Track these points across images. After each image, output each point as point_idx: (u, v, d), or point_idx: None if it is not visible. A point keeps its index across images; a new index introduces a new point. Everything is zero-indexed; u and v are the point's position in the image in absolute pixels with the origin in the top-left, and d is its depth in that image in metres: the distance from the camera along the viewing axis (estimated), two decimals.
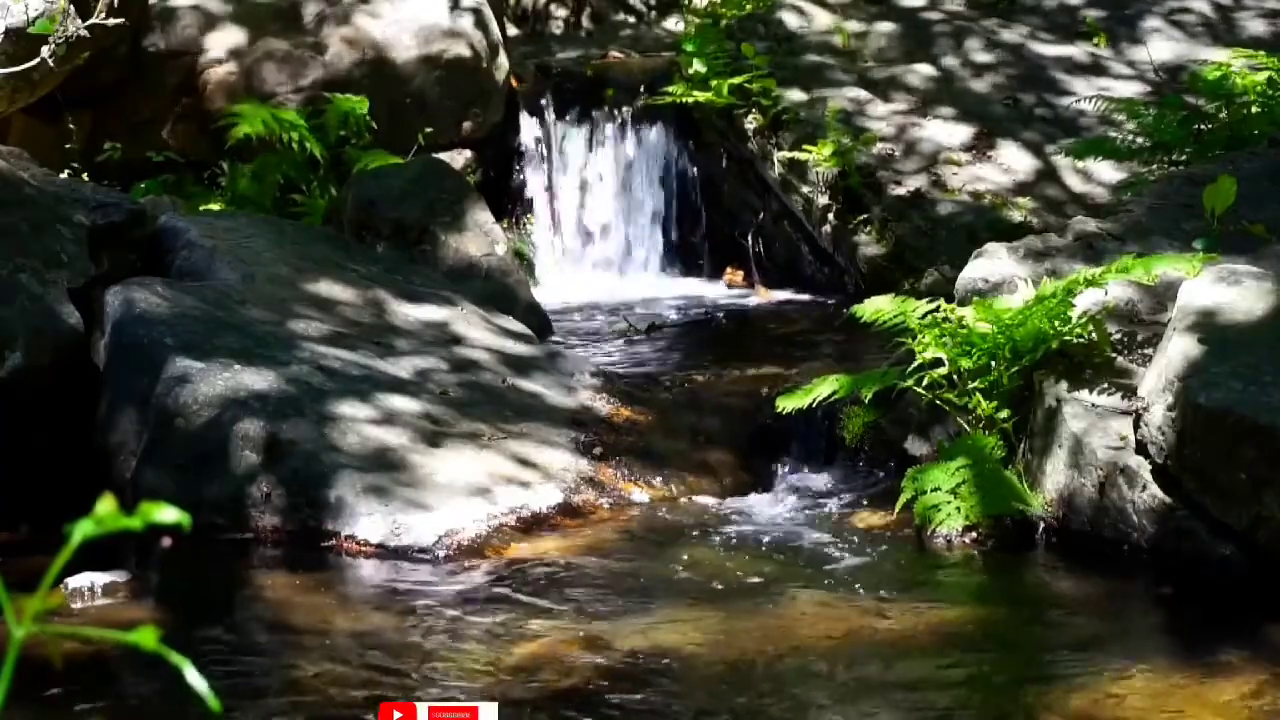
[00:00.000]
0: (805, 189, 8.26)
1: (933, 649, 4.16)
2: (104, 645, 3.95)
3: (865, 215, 7.99)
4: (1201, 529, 4.56)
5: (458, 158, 8.56)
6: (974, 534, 4.89)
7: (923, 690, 3.92)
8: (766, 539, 5.00)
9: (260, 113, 8.01)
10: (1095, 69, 8.86)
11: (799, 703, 3.80)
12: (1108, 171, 7.98)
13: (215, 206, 7.82)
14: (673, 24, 10.59)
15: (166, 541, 4.68)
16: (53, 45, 5.31)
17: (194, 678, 1.29)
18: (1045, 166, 8.13)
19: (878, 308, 5.35)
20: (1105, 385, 4.94)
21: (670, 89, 8.65)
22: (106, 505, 1.23)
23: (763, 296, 8.43)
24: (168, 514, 1.23)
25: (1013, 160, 8.17)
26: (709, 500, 5.40)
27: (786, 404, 5.48)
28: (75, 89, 7.71)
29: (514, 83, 9.02)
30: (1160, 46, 8.93)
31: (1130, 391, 4.87)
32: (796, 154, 8.19)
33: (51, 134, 8.02)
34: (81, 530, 1.23)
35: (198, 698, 1.33)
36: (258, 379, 5.27)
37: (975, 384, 5.19)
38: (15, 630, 1.22)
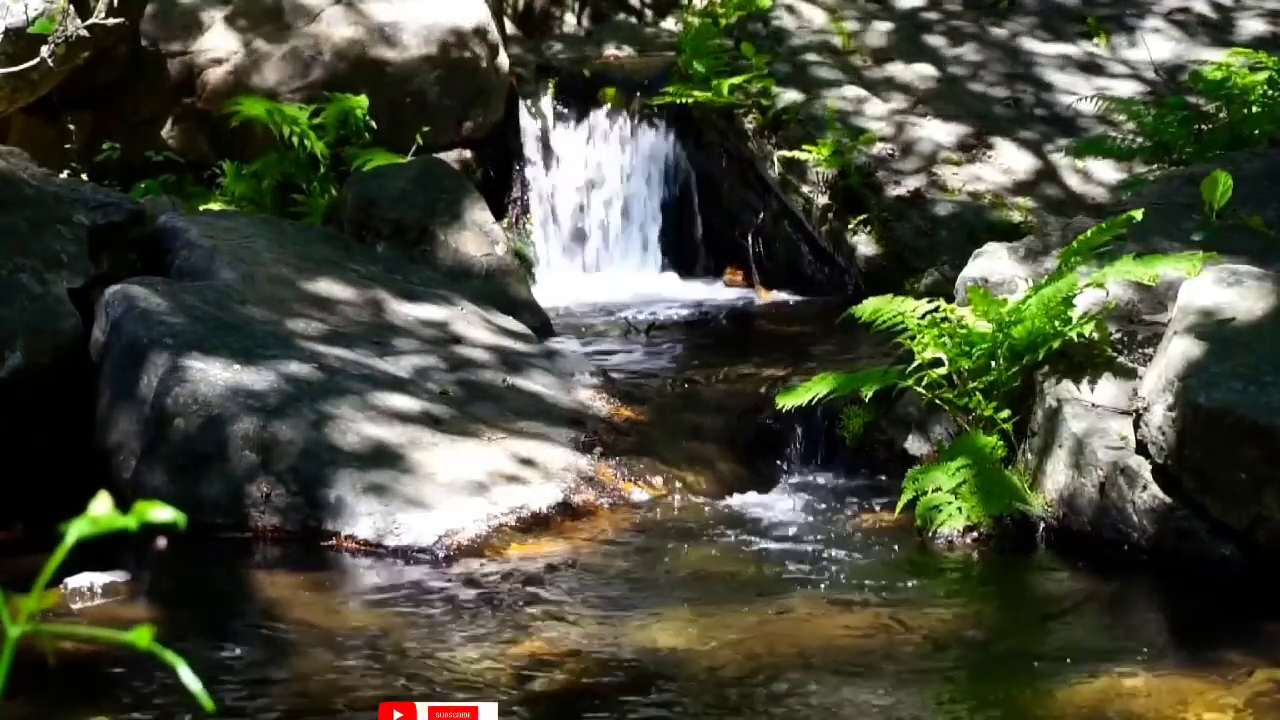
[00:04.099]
0: (805, 189, 8.26)
1: (934, 648, 4.16)
2: (103, 645, 3.95)
3: (864, 215, 7.99)
4: (1201, 529, 4.56)
5: (458, 158, 8.56)
6: (975, 534, 4.89)
7: (923, 690, 3.92)
8: (767, 539, 5.00)
9: (262, 103, 8.02)
10: (1094, 68, 8.86)
11: (799, 702, 3.79)
12: (1107, 171, 7.98)
13: (215, 206, 7.82)
14: (673, 24, 10.59)
15: (161, 542, 4.70)
16: (53, 45, 5.31)
17: (188, 677, 1.29)
18: (1044, 166, 8.13)
19: (877, 308, 5.34)
20: (1105, 385, 4.94)
21: (670, 89, 8.65)
22: (101, 505, 1.23)
23: (763, 296, 8.43)
24: (162, 513, 1.23)
25: (1012, 160, 8.17)
26: (709, 500, 5.40)
27: (786, 401, 5.48)
28: (75, 89, 7.71)
29: (514, 82, 9.02)
30: (1160, 46, 8.93)
31: (1130, 392, 4.87)
32: (796, 154, 8.20)
33: (51, 134, 8.02)
34: (77, 530, 1.22)
35: (194, 697, 1.33)
36: (257, 378, 5.27)
37: (975, 384, 5.19)
38: (10, 630, 1.22)
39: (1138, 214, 5.10)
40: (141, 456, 5.14)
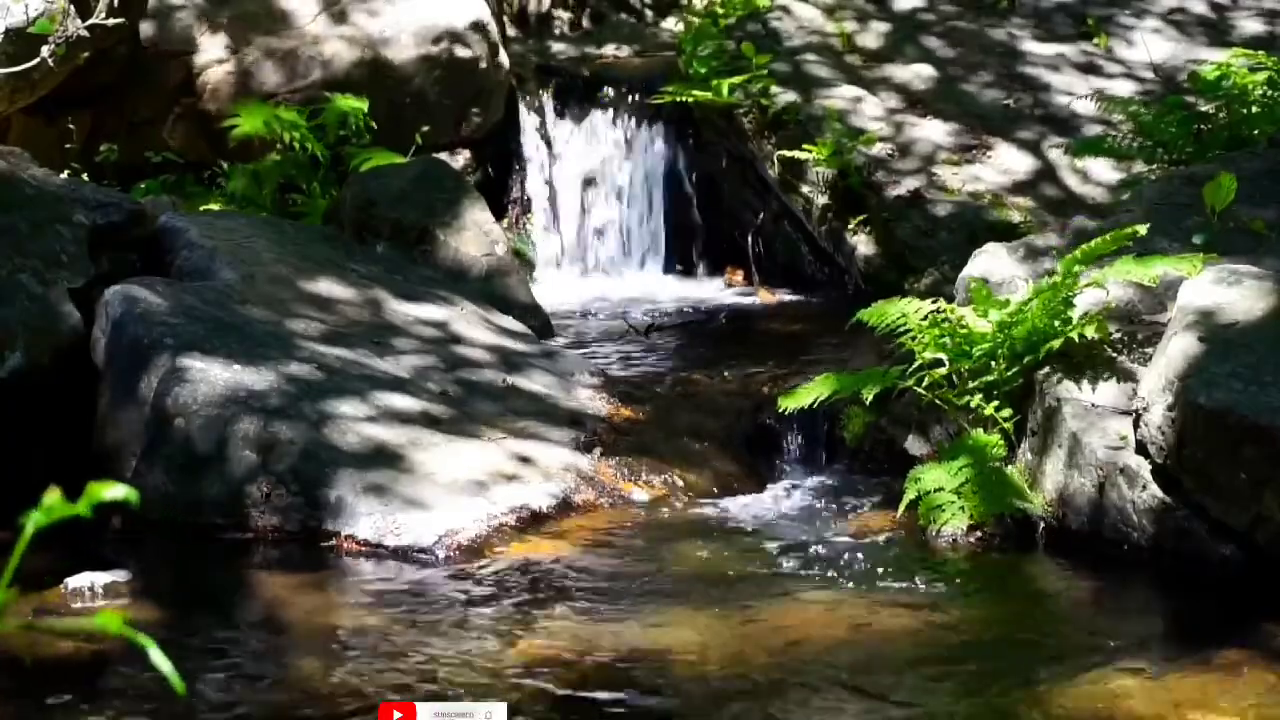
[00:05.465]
0: (805, 189, 8.27)
1: (935, 648, 4.16)
2: (105, 643, 3.95)
3: (864, 215, 8.00)
4: (1201, 529, 4.57)
5: (457, 158, 8.56)
6: (978, 533, 4.89)
7: (924, 690, 3.92)
8: (767, 539, 5.00)
9: (261, 112, 8.01)
10: (1092, 69, 8.87)
11: (800, 702, 3.80)
12: (1106, 171, 7.99)
13: (215, 206, 7.82)
14: (673, 24, 10.59)
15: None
16: (53, 45, 5.31)
17: (158, 658, 1.29)
18: (1043, 166, 8.13)
19: (882, 311, 5.34)
20: (1105, 385, 4.95)
21: (670, 89, 8.65)
22: (52, 496, 1.23)
23: (763, 297, 8.43)
24: (114, 491, 1.23)
25: (1011, 160, 8.17)
26: (709, 500, 5.40)
27: (788, 404, 5.48)
28: (75, 89, 7.71)
29: (513, 82, 9.02)
30: (1158, 46, 8.93)
31: (1130, 392, 4.88)
32: (796, 154, 8.20)
33: (51, 134, 8.02)
34: (34, 521, 1.23)
35: (196, 696, 1.34)
36: (257, 379, 5.27)
37: (975, 384, 5.20)
38: None
39: (1142, 229, 5.08)
40: (142, 457, 5.14)
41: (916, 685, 3.94)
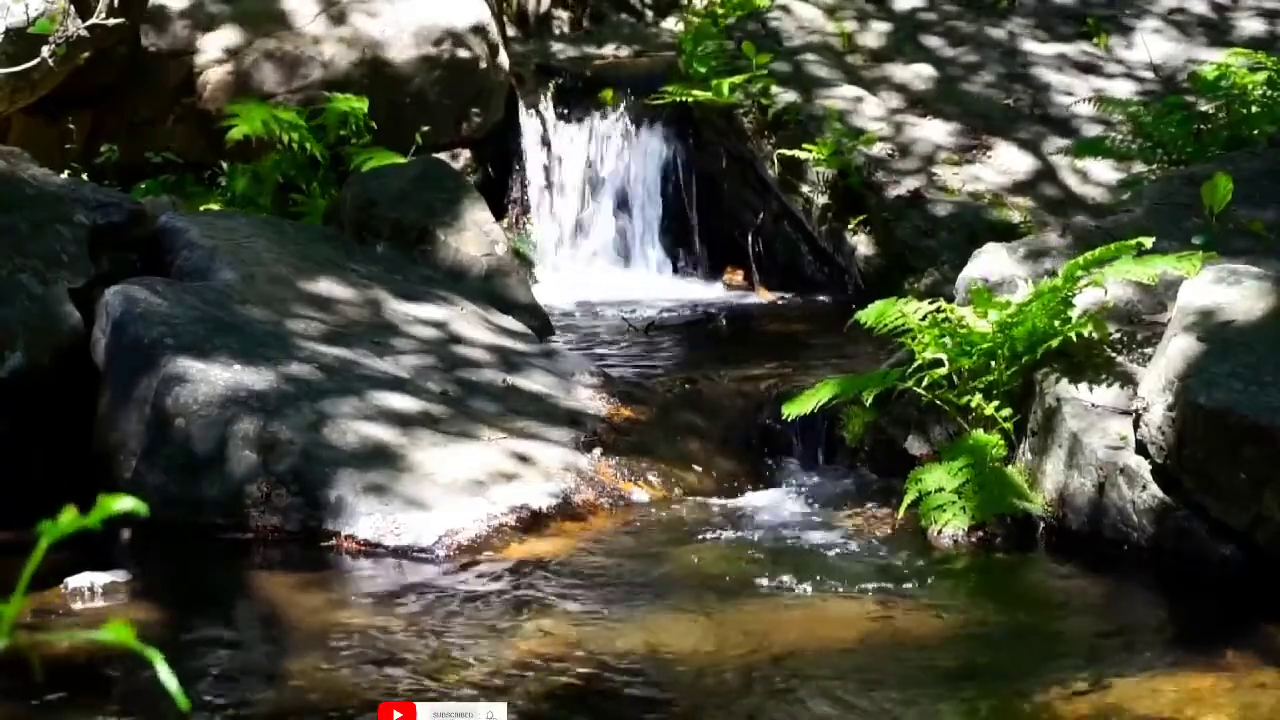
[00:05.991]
0: (805, 189, 8.27)
1: (935, 649, 4.16)
2: (106, 644, 3.95)
3: (864, 215, 8.00)
4: (1201, 529, 4.56)
5: (458, 158, 8.57)
6: (980, 534, 4.89)
7: (925, 691, 3.92)
8: (766, 539, 5.00)
9: (259, 112, 8.01)
10: (1092, 69, 8.87)
11: (800, 703, 3.79)
12: (1106, 171, 7.99)
13: (215, 206, 7.82)
14: (673, 24, 10.60)
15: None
16: (53, 45, 5.31)
17: (165, 674, 1.29)
18: (1043, 166, 8.14)
19: (881, 312, 5.33)
20: (1105, 385, 4.94)
21: (670, 89, 8.65)
22: (68, 515, 1.24)
23: (763, 296, 8.43)
24: (124, 503, 1.24)
25: (1011, 160, 8.18)
26: (709, 500, 5.40)
27: (791, 410, 5.44)
28: (75, 89, 7.71)
29: (514, 82, 9.02)
30: (1158, 46, 8.94)
31: (1130, 392, 4.87)
32: (796, 154, 8.20)
33: (51, 134, 8.02)
34: (49, 535, 1.24)
35: (196, 697, 1.34)
36: (257, 379, 5.27)
37: (975, 384, 5.20)
38: None
39: (1147, 242, 5.06)
40: (142, 457, 5.14)
41: (916, 686, 3.94)
